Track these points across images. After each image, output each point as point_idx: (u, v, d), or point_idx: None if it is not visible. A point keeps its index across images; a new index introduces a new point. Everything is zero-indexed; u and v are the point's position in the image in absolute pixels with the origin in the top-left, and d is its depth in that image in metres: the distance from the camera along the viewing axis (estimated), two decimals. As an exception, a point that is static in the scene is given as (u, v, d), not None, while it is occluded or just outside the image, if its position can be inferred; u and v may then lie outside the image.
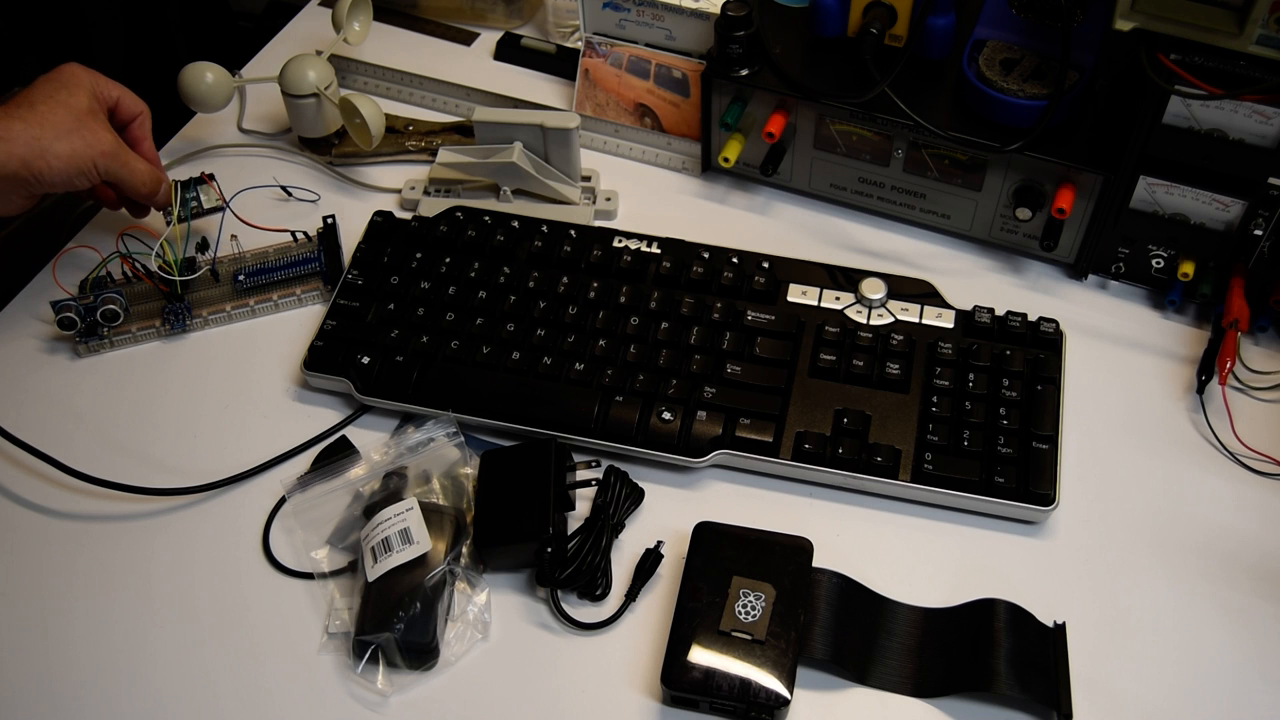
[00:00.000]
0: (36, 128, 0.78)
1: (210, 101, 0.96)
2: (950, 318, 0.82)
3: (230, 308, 0.87)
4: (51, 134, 0.78)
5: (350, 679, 0.69)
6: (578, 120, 0.90)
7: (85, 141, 0.79)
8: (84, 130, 0.80)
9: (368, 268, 0.86)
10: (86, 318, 0.83)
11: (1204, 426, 0.79)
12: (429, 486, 0.76)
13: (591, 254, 0.86)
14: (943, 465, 0.74)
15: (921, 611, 0.70)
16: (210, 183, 0.89)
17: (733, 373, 0.78)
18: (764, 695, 0.64)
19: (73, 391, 0.83)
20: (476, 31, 1.08)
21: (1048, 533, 0.75)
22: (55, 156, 0.78)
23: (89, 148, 0.79)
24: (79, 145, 0.79)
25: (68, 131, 0.79)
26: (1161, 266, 0.84)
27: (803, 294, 0.83)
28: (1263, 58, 0.69)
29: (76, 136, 0.79)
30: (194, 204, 0.88)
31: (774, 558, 0.69)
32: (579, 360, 0.79)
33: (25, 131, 0.77)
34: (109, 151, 0.81)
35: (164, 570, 0.74)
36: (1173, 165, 0.77)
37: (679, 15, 0.91)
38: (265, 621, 0.72)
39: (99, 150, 0.80)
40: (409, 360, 0.80)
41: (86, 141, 0.79)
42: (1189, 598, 0.71)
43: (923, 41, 0.84)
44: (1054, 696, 0.65)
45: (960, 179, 0.86)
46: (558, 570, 0.71)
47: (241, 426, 0.81)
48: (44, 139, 0.78)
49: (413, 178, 0.96)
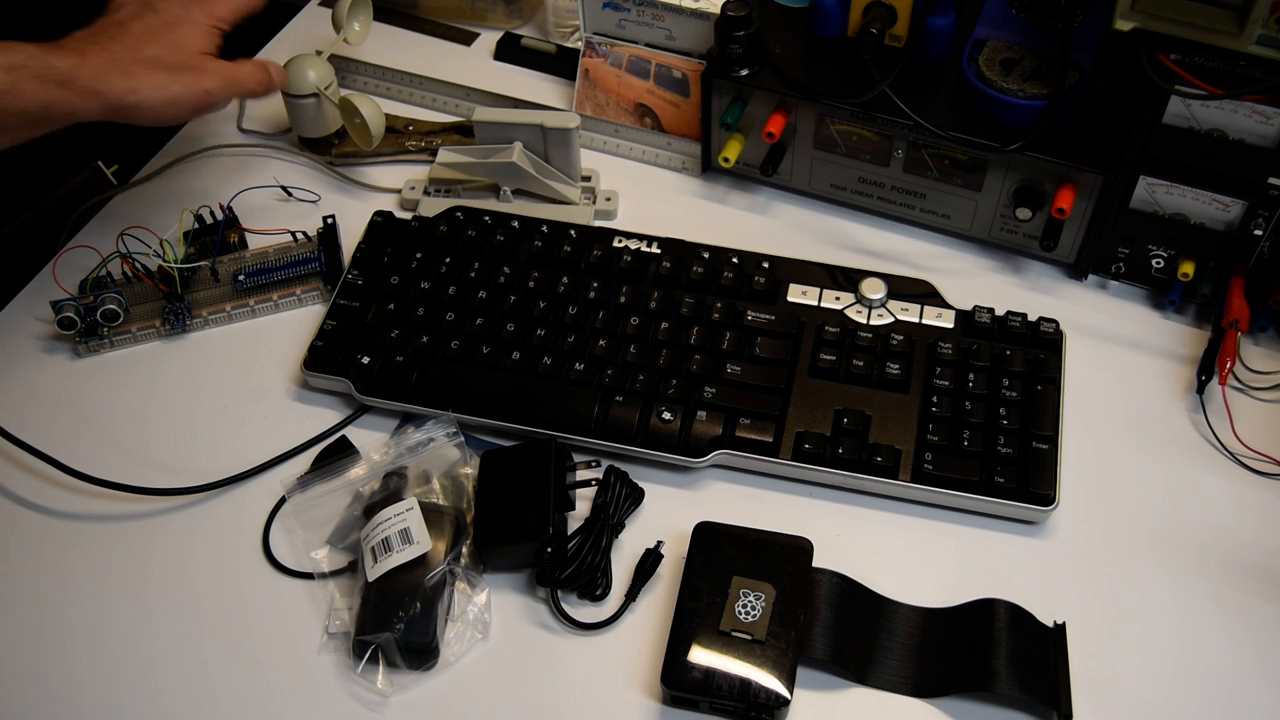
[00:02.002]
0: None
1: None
2: (950, 318, 0.82)
3: (230, 308, 0.87)
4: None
5: (350, 679, 0.69)
6: (578, 120, 0.90)
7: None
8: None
9: (368, 268, 0.86)
10: (86, 318, 0.83)
11: (1204, 426, 0.79)
12: (429, 486, 0.76)
13: (591, 254, 0.86)
14: (943, 465, 0.74)
15: (921, 611, 0.70)
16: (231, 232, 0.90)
17: (733, 373, 0.78)
18: (764, 695, 0.64)
19: (73, 391, 0.83)
20: (476, 31, 1.08)
21: (1048, 533, 0.75)
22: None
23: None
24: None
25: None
26: (1161, 266, 0.84)
27: (803, 294, 0.83)
28: (1263, 58, 0.69)
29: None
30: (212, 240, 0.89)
31: (774, 558, 0.69)
32: (579, 360, 0.79)
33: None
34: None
35: (164, 570, 0.74)
36: (1173, 165, 0.77)
37: (679, 15, 0.91)
38: (265, 621, 0.72)
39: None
40: (409, 360, 0.80)
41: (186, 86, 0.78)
42: (1189, 597, 0.71)
43: (923, 41, 0.84)
44: (1054, 696, 0.65)
45: (960, 179, 0.86)
46: (558, 570, 0.71)
47: (241, 426, 0.81)
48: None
49: (413, 178, 0.96)
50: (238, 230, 0.90)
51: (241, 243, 0.90)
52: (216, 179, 0.96)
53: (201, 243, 0.89)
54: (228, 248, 0.89)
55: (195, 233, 0.89)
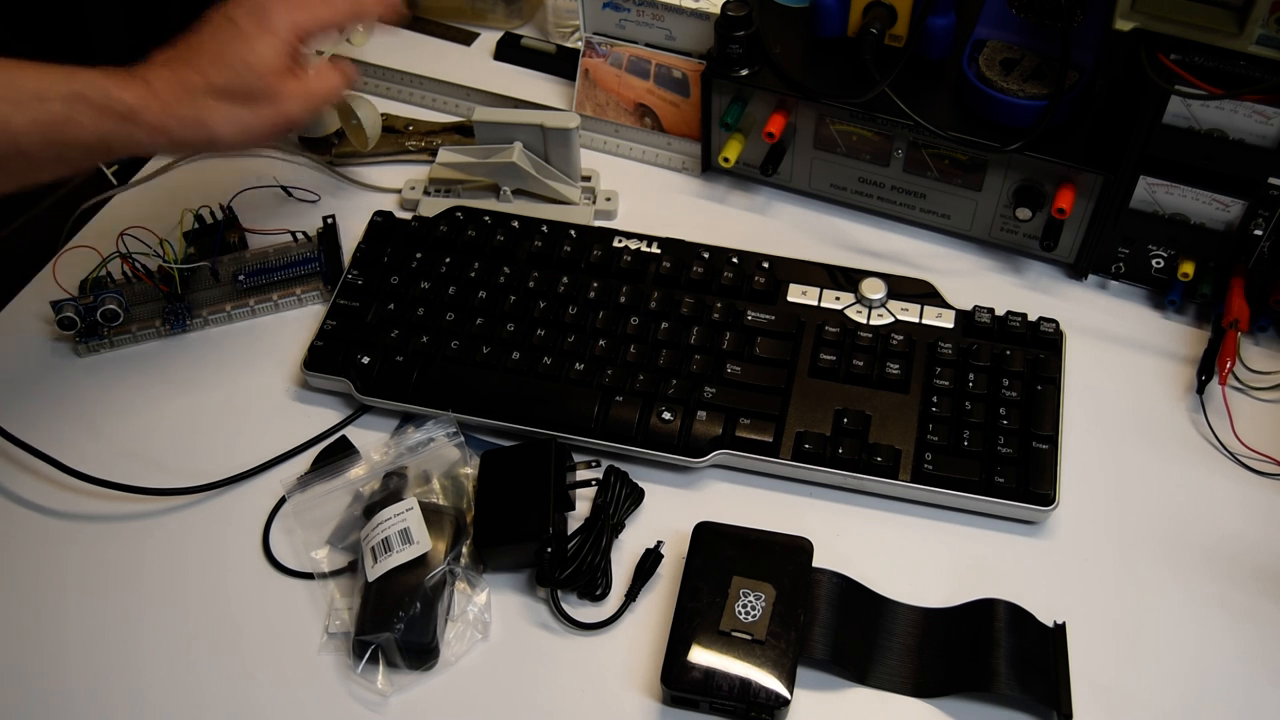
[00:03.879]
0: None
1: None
2: (950, 318, 0.82)
3: (230, 308, 0.87)
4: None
5: (350, 679, 0.69)
6: (578, 120, 0.90)
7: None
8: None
9: (368, 268, 0.86)
10: (86, 318, 0.83)
11: (1204, 426, 0.79)
12: (429, 486, 0.76)
13: (591, 254, 0.86)
14: (943, 465, 0.74)
15: (921, 611, 0.70)
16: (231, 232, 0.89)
17: (733, 373, 0.78)
18: (764, 695, 0.64)
19: (73, 391, 0.83)
20: (476, 31, 1.08)
21: (1048, 533, 0.75)
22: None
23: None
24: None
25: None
26: (1161, 266, 0.84)
27: (803, 294, 0.83)
28: (1263, 58, 0.69)
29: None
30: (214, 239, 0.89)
31: (774, 558, 0.69)
32: (579, 360, 0.79)
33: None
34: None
35: (164, 570, 0.74)
36: (1173, 165, 0.77)
37: (679, 15, 0.91)
38: (265, 622, 0.72)
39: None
40: (409, 360, 0.80)
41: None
42: (1189, 597, 0.71)
43: (923, 41, 0.84)
44: (1054, 696, 0.65)
45: (960, 179, 0.86)
46: (558, 570, 0.71)
47: (241, 426, 0.81)
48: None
49: (413, 178, 0.96)
50: (238, 230, 0.90)
51: (241, 243, 0.90)
52: (216, 179, 0.95)
53: (201, 243, 0.88)
54: (228, 248, 0.89)
55: (195, 233, 0.89)
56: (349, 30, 0.82)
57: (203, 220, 0.89)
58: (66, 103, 0.67)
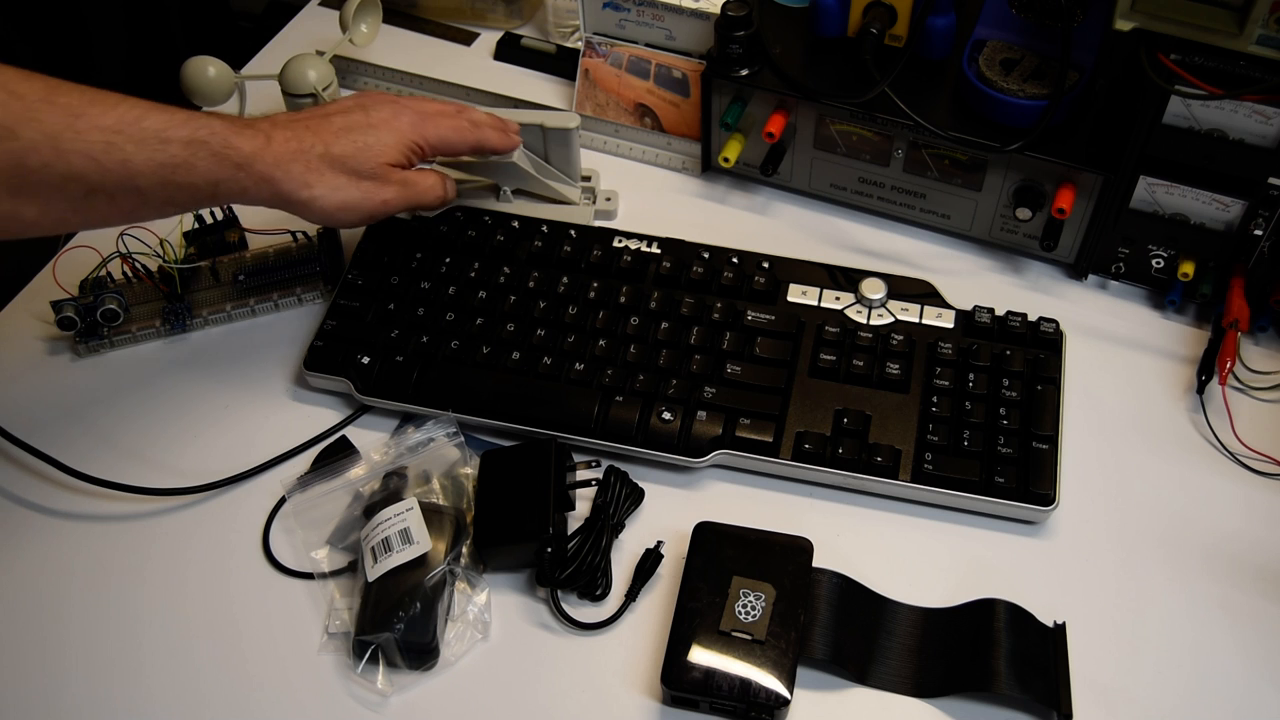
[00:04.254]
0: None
1: (212, 95, 0.96)
2: (950, 318, 0.82)
3: (230, 308, 0.87)
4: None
5: (350, 679, 0.69)
6: (578, 120, 0.89)
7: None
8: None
9: (368, 268, 0.86)
10: (86, 318, 0.83)
11: (1204, 426, 0.79)
12: (429, 486, 0.76)
13: (591, 254, 0.86)
14: (943, 465, 0.74)
15: (921, 611, 0.70)
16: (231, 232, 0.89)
17: (733, 373, 0.78)
18: (764, 695, 0.64)
19: (73, 391, 0.83)
20: (476, 31, 1.08)
21: (1048, 533, 0.75)
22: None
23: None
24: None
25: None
26: (1161, 266, 0.84)
27: (803, 294, 0.83)
28: (1263, 58, 0.69)
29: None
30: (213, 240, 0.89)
31: (774, 558, 0.69)
32: (579, 360, 0.79)
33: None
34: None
35: (163, 570, 0.74)
36: (1173, 165, 0.77)
37: (679, 15, 0.91)
38: (265, 621, 0.72)
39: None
40: (409, 360, 0.80)
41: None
42: (1189, 597, 0.71)
43: (923, 41, 0.84)
44: (1054, 696, 0.65)
45: (960, 179, 0.86)
46: (558, 570, 0.71)
47: (241, 426, 0.81)
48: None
49: (413, 178, 0.96)
50: (238, 230, 0.90)
51: (241, 243, 0.90)
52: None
53: (201, 243, 0.88)
54: (228, 248, 0.89)
55: (195, 233, 0.89)
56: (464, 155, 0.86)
57: (203, 220, 0.89)
58: (187, 146, 0.68)
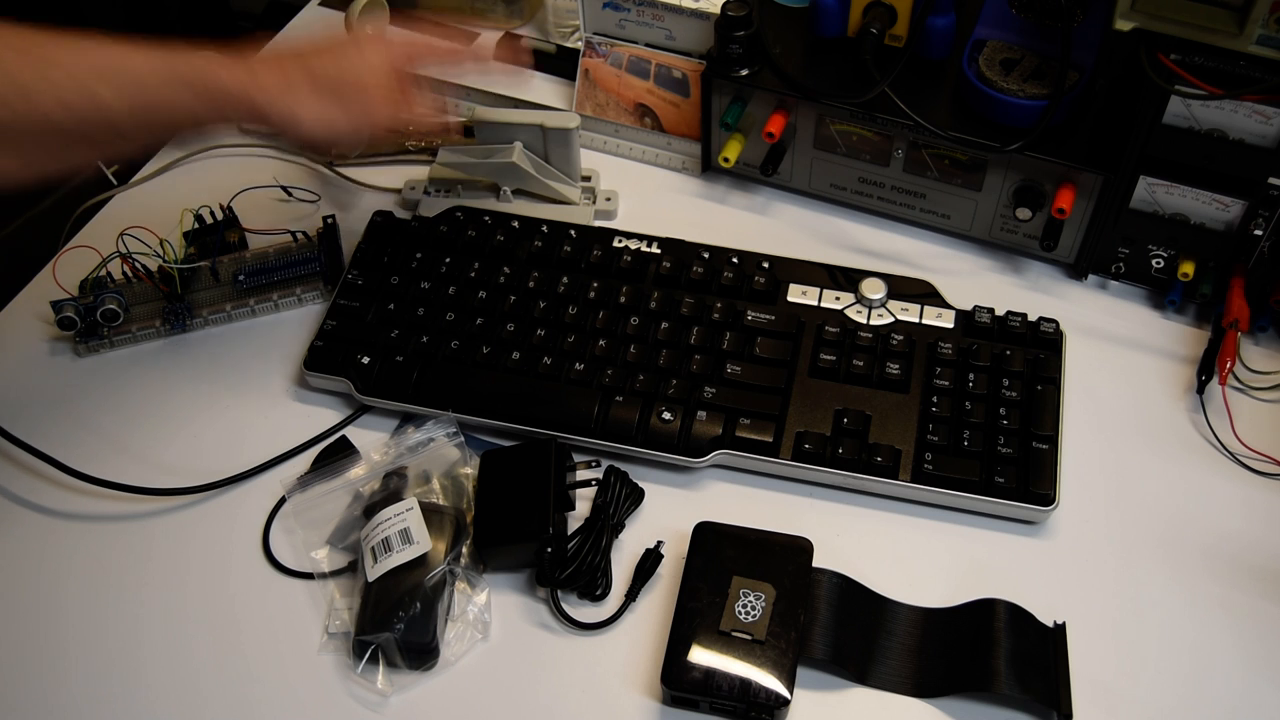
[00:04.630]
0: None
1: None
2: (950, 318, 0.82)
3: (230, 308, 0.87)
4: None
5: (350, 679, 0.69)
6: (578, 120, 0.90)
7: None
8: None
9: (368, 268, 0.86)
10: (86, 318, 0.83)
11: (1204, 426, 0.79)
12: (429, 486, 0.76)
13: (591, 254, 0.86)
14: (943, 465, 0.74)
15: (921, 611, 0.70)
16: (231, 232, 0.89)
17: (733, 373, 0.78)
18: (764, 695, 0.64)
19: (73, 391, 0.83)
20: (476, 31, 1.08)
21: (1048, 533, 0.75)
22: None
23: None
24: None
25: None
26: (1161, 266, 0.84)
27: (803, 294, 0.83)
28: (1263, 58, 0.69)
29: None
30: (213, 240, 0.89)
31: (774, 558, 0.69)
32: (579, 360, 0.79)
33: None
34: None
35: (163, 570, 0.74)
36: (1173, 165, 0.77)
37: (679, 15, 0.91)
38: (265, 621, 0.72)
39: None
40: (409, 360, 0.80)
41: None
42: (1189, 597, 0.71)
43: (923, 41, 0.84)
44: (1054, 696, 0.65)
45: (960, 179, 0.86)
46: (558, 570, 0.71)
47: (241, 426, 0.81)
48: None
49: (413, 178, 0.96)
50: (238, 230, 0.90)
51: (241, 243, 0.90)
52: (216, 179, 0.95)
53: (201, 243, 0.88)
54: (228, 248, 0.89)
55: (195, 233, 0.89)
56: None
57: (203, 220, 0.89)
58: (168, 86, 0.67)
